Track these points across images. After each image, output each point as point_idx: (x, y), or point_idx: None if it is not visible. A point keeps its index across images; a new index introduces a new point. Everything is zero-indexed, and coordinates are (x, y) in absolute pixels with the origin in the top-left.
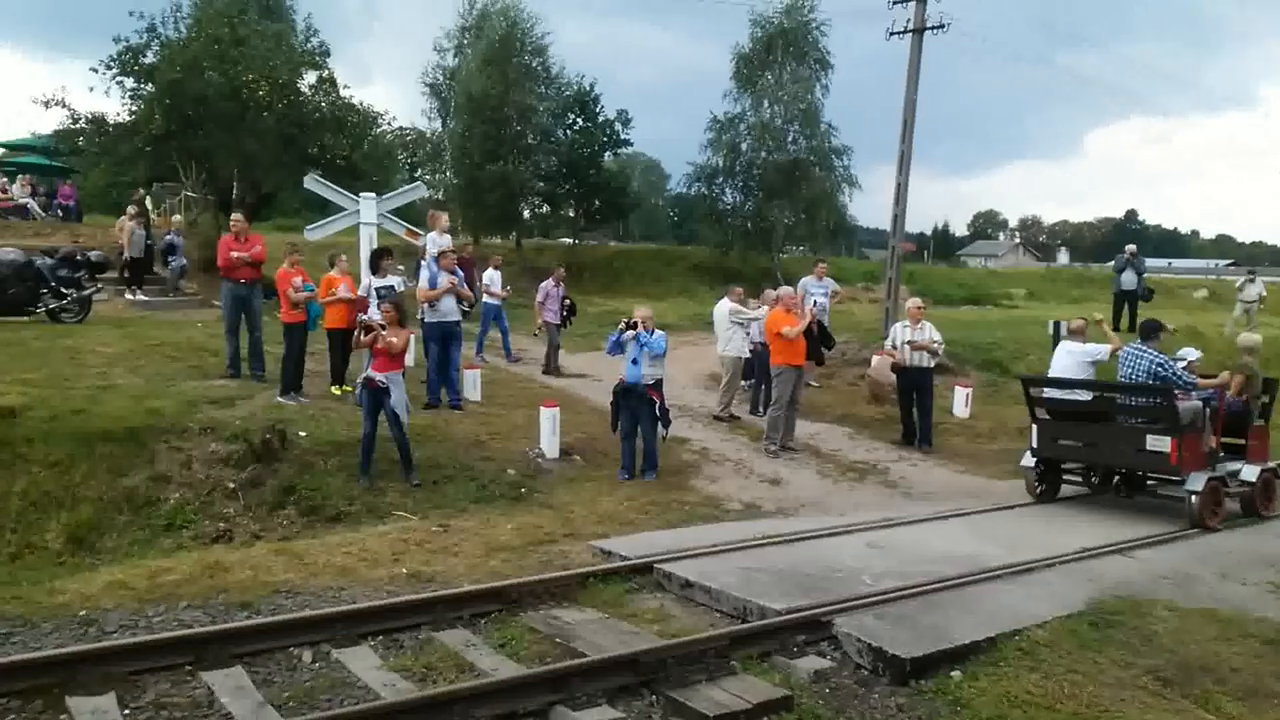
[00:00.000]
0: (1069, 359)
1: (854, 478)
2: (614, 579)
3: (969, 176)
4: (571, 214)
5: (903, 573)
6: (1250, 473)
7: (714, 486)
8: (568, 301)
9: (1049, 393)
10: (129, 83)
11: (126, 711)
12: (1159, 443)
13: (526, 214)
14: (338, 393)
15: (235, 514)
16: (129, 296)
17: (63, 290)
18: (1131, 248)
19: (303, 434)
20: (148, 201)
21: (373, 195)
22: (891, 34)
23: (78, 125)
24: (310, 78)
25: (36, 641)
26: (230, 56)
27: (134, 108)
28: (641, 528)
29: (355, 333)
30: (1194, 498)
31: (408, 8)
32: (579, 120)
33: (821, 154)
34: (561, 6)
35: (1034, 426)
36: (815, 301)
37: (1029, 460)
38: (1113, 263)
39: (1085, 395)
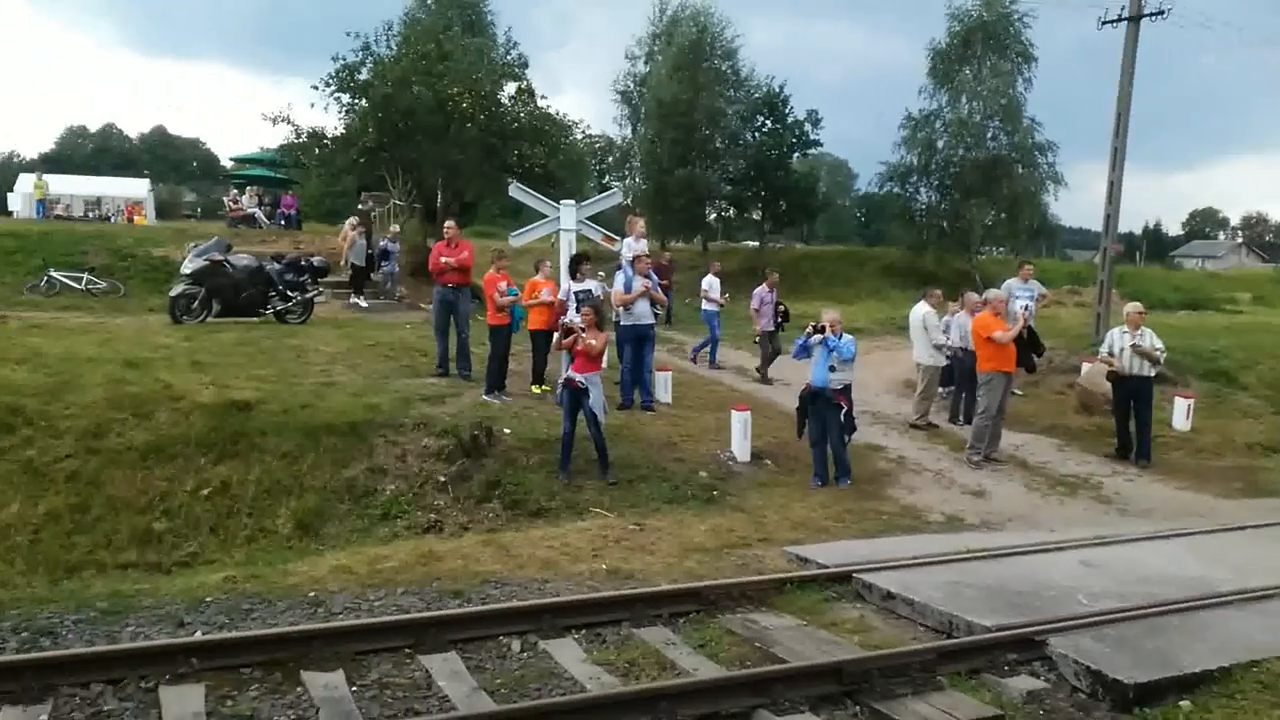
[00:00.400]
0: None
1: (1064, 492)
2: (811, 586)
3: (1184, 172)
4: (757, 217)
5: (1121, 594)
6: None
7: (913, 497)
8: (781, 307)
9: None
10: (345, 98)
11: (354, 689)
12: None
13: (712, 217)
14: (537, 392)
15: (445, 505)
16: (353, 301)
17: (289, 293)
18: None
19: (507, 431)
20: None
21: (572, 202)
22: (1104, 23)
23: (300, 140)
24: (510, 89)
25: (273, 618)
26: (436, 71)
27: (348, 122)
28: (837, 536)
29: (556, 335)
30: None
31: (599, 18)
32: (768, 122)
33: (1023, 150)
34: (751, 7)
35: None
36: (1024, 305)
37: None
38: None
39: None
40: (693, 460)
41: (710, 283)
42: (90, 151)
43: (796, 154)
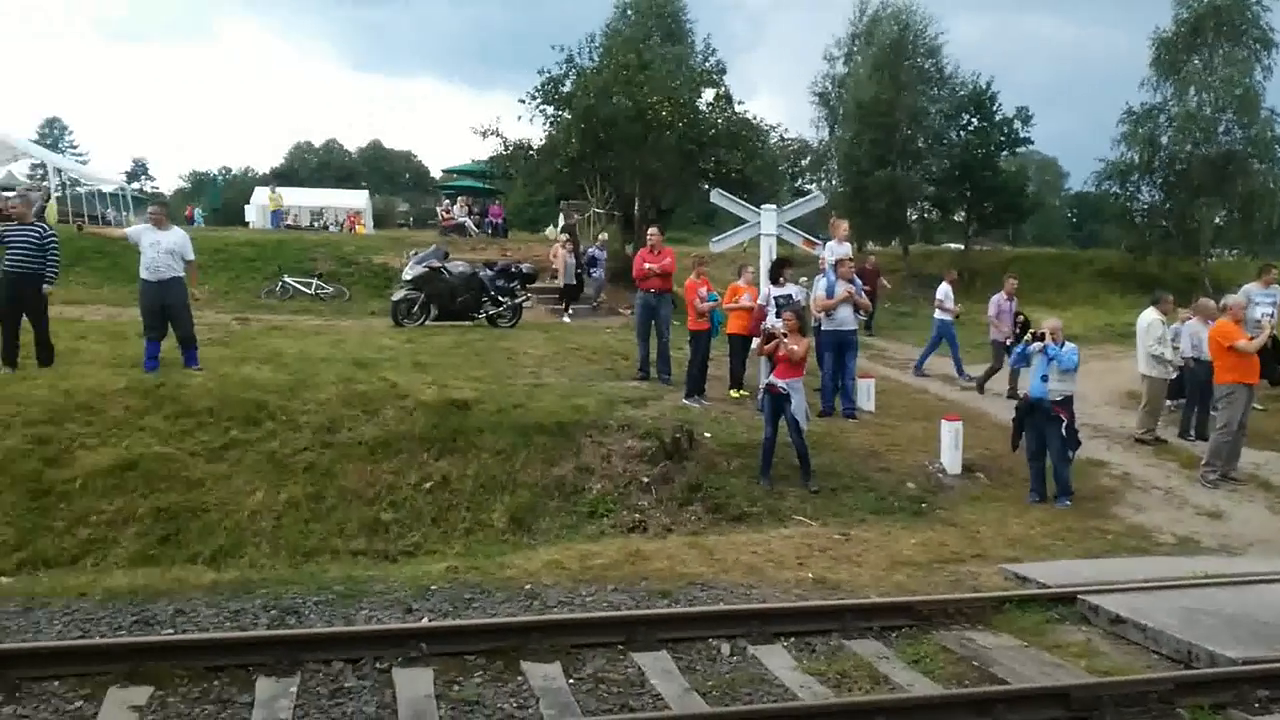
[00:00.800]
0: None
1: None
2: (1032, 606)
3: None
4: (960, 218)
5: None
6: None
7: (1140, 516)
8: (1020, 317)
9: None
10: (549, 110)
11: (570, 681)
12: None
13: (913, 219)
14: (735, 396)
15: (649, 506)
16: (565, 319)
17: (500, 299)
18: None
19: (707, 435)
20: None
21: (773, 207)
22: None
23: (508, 151)
24: (708, 95)
25: (492, 608)
26: (637, 81)
27: (552, 133)
28: (1057, 555)
29: (758, 340)
30: None
31: (792, 20)
32: (973, 120)
33: (1261, 144)
34: (954, 3)
35: None
36: (1266, 313)
37: None
38: None
39: None
40: (899, 471)
41: (945, 291)
42: (315, 165)
43: (1004, 152)
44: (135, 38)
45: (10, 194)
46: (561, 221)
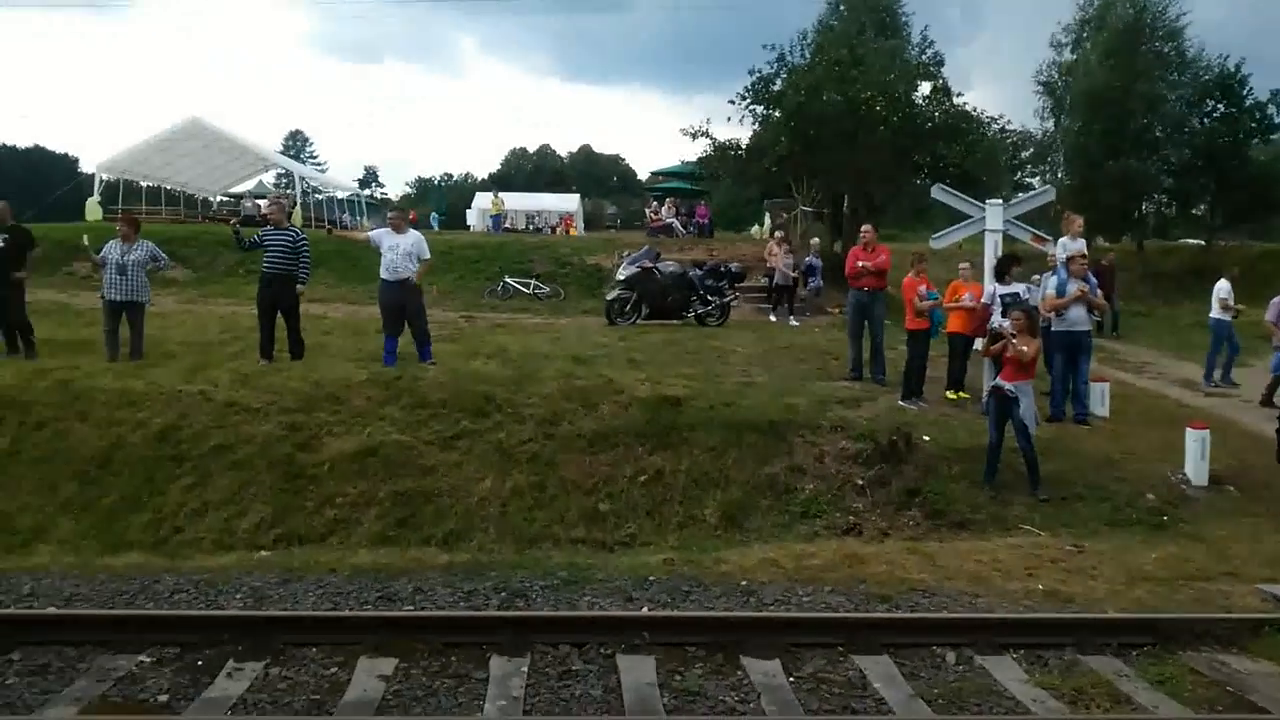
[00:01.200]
0: None
1: None
2: None
3: None
4: (1200, 211)
5: None
6: None
7: None
8: None
9: None
10: (759, 110)
11: (790, 679)
12: None
13: (1148, 213)
14: (953, 398)
15: (863, 509)
16: (773, 318)
17: (709, 298)
18: None
19: (926, 438)
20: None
21: (999, 202)
22: None
23: (717, 152)
24: (924, 89)
25: (709, 602)
26: (849, 77)
27: (760, 132)
28: None
29: (982, 340)
30: None
31: (1013, 8)
32: (1220, 106)
33: None
34: None
35: None
36: None
37: None
38: None
39: None
40: (1137, 480)
41: (1225, 288)
42: (529, 170)
43: (1256, 140)
44: (369, 58)
45: (264, 201)
46: (768, 221)
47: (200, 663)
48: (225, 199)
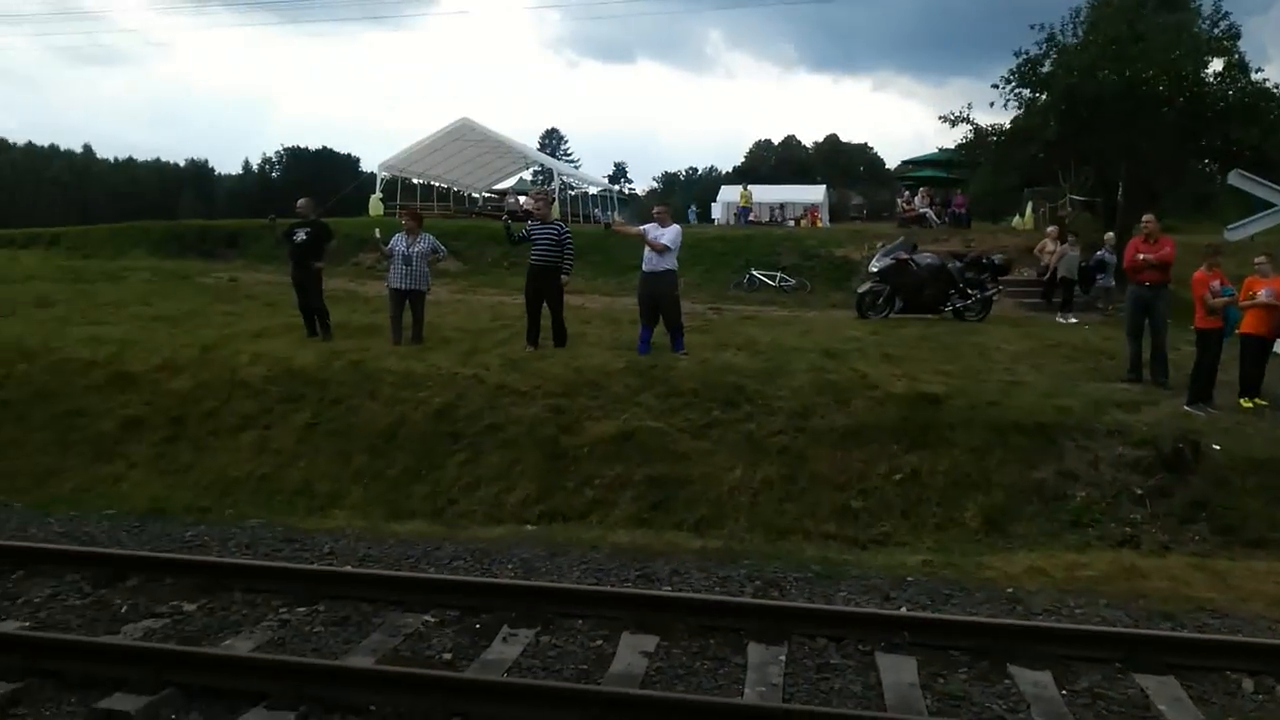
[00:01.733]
0: None
1: None
2: None
3: None
4: None
5: None
6: None
7: None
8: None
9: None
10: (1025, 93)
11: (1063, 692)
12: None
13: None
14: (1248, 406)
15: (1141, 520)
16: (1059, 319)
17: (968, 291)
18: None
19: (1216, 447)
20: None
21: None
22: None
23: (979, 138)
24: (1216, 65)
25: (972, 607)
26: (1128, 54)
27: (1024, 116)
28: None
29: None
30: None
31: None
32: None
33: None
34: None
35: None
36: None
37: None
38: None
39: None
40: None
41: None
42: (774, 163)
43: None
44: (622, 58)
45: (524, 197)
46: (1029, 210)
47: (479, 626)
48: (489, 195)
